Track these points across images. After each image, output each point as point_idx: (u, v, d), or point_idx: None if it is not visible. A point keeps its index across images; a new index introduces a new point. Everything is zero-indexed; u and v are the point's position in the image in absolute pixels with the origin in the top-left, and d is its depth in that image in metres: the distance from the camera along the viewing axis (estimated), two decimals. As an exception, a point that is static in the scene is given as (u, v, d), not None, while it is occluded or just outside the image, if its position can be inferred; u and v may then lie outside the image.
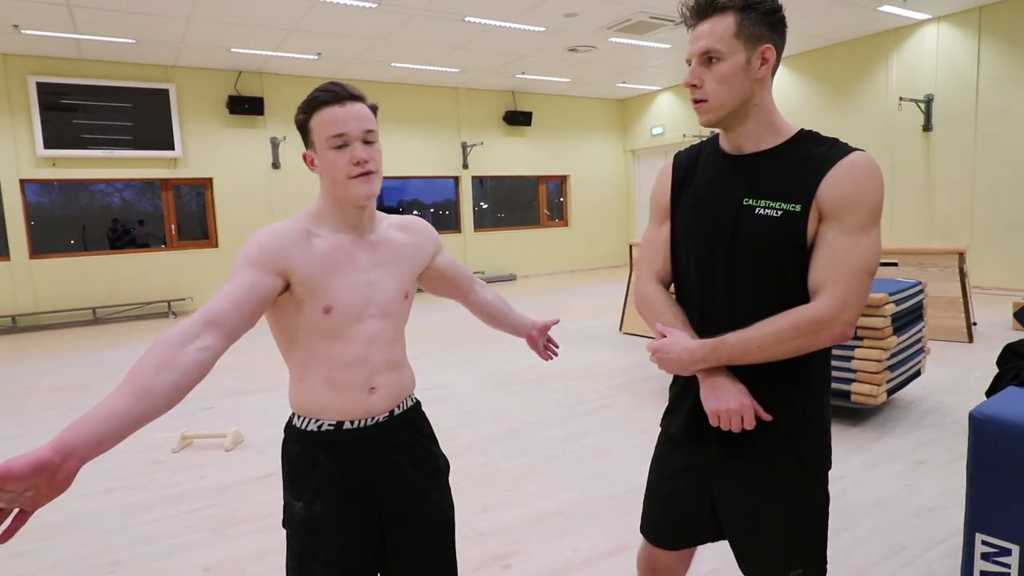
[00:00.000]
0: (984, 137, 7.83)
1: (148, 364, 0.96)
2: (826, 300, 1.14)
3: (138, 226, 9.33)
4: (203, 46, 8.08)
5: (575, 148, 12.73)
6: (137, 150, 8.78)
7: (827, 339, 1.16)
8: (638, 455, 3.31)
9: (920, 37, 8.28)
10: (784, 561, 1.28)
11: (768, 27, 1.18)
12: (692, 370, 1.25)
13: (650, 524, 1.45)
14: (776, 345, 1.16)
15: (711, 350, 1.21)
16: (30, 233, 8.46)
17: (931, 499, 2.73)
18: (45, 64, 8.24)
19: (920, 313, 3.99)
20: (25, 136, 8.20)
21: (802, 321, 1.15)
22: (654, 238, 1.40)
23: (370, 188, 1.23)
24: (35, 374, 5.76)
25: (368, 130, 1.22)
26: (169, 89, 8.89)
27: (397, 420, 1.33)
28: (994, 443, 1.49)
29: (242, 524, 2.74)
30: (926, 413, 3.78)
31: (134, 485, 3.20)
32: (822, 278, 1.16)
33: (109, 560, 2.49)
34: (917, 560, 2.27)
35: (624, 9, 7.30)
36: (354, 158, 1.20)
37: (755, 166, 1.24)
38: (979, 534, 1.52)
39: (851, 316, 1.15)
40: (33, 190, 8.58)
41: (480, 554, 2.41)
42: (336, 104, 1.20)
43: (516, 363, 5.42)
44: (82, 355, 6.56)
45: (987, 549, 1.50)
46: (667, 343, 1.26)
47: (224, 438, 3.69)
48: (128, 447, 3.71)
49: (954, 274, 5.56)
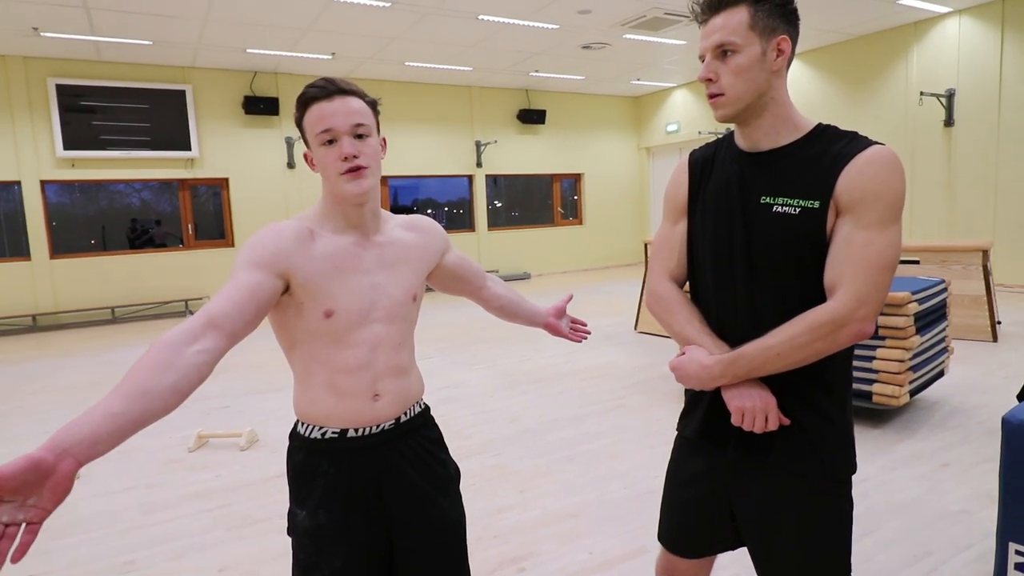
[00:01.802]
0: (1007, 132, 7.66)
1: (146, 365, 0.93)
2: (840, 298, 1.10)
3: (156, 226, 9.43)
4: (219, 47, 8.13)
5: (589, 146, 12.66)
6: (154, 151, 8.86)
7: (846, 339, 1.12)
8: (653, 456, 3.26)
9: (941, 30, 8.12)
10: (805, 569, 1.24)
11: (782, 19, 1.16)
12: (712, 386, 1.22)
13: (668, 532, 1.41)
14: (795, 351, 1.12)
15: (728, 364, 1.17)
16: (50, 233, 8.57)
17: (956, 502, 2.66)
18: (64, 66, 8.34)
19: (943, 312, 3.90)
20: (45, 137, 8.30)
21: (817, 322, 1.11)
22: (669, 236, 1.37)
23: (360, 185, 1.17)
24: (54, 372, 5.83)
25: (357, 124, 1.16)
26: (186, 90, 8.96)
27: (404, 427, 1.29)
28: (1028, 448, 1.43)
29: (257, 524, 2.74)
30: (950, 414, 3.69)
31: (151, 484, 3.21)
32: (837, 275, 1.12)
33: (124, 560, 2.49)
34: (943, 566, 2.21)
35: (638, 5, 7.23)
36: (341, 153, 1.15)
37: (773, 163, 1.20)
38: (1013, 544, 1.46)
39: (868, 312, 1.10)
40: (54, 191, 8.69)
41: (495, 556, 2.39)
42: (324, 99, 1.16)
43: (530, 362, 5.39)
44: (101, 354, 6.63)
45: (1021, 559, 1.44)
46: (684, 361, 1.23)
47: (240, 437, 3.70)
48: (146, 446, 3.73)
49: (978, 272, 5.44)
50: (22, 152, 8.21)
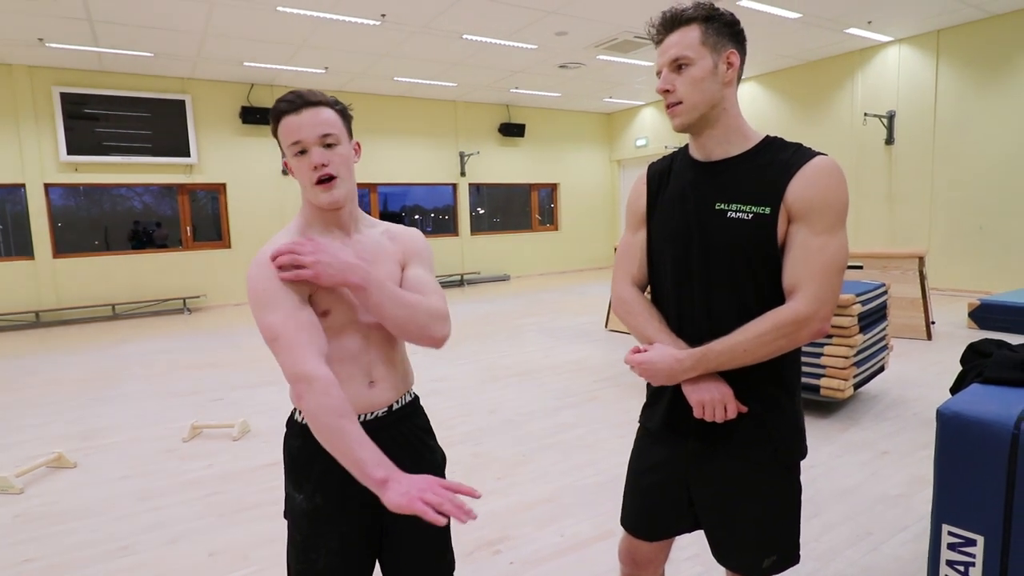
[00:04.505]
0: (942, 150, 7.83)
1: (333, 411, 1.07)
2: (802, 299, 1.12)
3: (156, 228, 9.22)
4: (217, 60, 7.98)
5: (565, 158, 12.69)
6: (155, 157, 8.66)
7: (807, 336, 1.14)
8: (624, 444, 3.26)
9: (883, 57, 8.28)
10: (759, 548, 1.25)
11: (730, 36, 1.19)
12: (681, 379, 1.21)
13: (630, 516, 1.40)
14: (760, 347, 1.14)
15: (699, 359, 1.17)
16: (53, 234, 8.33)
17: (895, 487, 2.69)
18: (68, 75, 8.12)
19: (884, 313, 3.97)
20: (49, 143, 8.07)
21: (781, 322, 1.13)
22: (630, 244, 1.37)
23: (332, 195, 1.16)
24: (57, 366, 5.66)
25: (325, 134, 1.14)
26: (185, 100, 8.77)
27: (396, 415, 1.27)
28: (960, 438, 1.45)
29: (247, 511, 2.68)
30: (890, 406, 3.75)
31: (147, 472, 3.13)
32: (796, 278, 1.14)
33: (119, 545, 2.42)
34: (883, 545, 2.24)
35: (610, 29, 7.26)
36: (311, 163, 1.14)
37: (725, 171, 1.21)
38: (945, 525, 1.48)
39: (827, 312, 1.13)
40: (59, 194, 8.45)
41: (473, 540, 2.36)
42: (293, 113, 1.14)
43: (510, 358, 5.37)
44: (102, 349, 6.45)
45: (953, 539, 1.46)
46: (652, 356, 1.22)
47: (232, 428, 3.62)
48: (143, 436, 3.64)
49: (914, 276, 5.55)
50: (27, 156, 7.97)
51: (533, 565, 2.19)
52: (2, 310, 7.85)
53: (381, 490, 1.03)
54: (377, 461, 1.04)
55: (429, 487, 1.02)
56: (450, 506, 0.99)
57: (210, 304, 9.25)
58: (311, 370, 1.06)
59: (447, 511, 0.98)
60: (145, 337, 7.03)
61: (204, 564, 2.26)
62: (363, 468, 1.04)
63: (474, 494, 1.03)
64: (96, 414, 4.14)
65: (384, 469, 1.04)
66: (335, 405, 1.05)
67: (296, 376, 1.07)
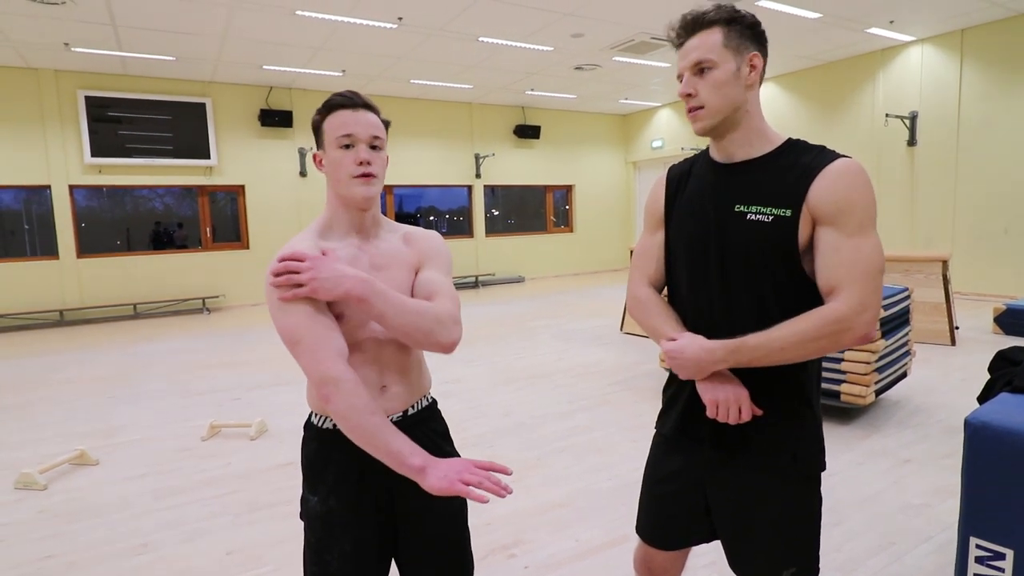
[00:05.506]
0: (965, 151, 7.67)
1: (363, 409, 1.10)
2: (845, 300, 1.07)
3: (177, 228, 9.36)
4: (237, 63, 8.07)
5: (580, 160, 12.64)
6: (176, 159, 8.79)
7: (851, 340, 1.09)
8: (637, 449, 3.23)
9: (905, 57, 8.13)
10: (777, 559, 1.21)
11: (752, 38, 1.16)
12: (709, 371, 1.16)
13: (646, 525, 1.38)
14: (798, 346, 1.09)
15: (732, 351, 1.12)
16: (78, 234, 8.49)
17: (917, 496, 2.63)
18: (93, 79, 8.26)
19: (907, 317, 3.89)
20: (74, 145, 8.22)
21: (824, 321, 1.07)
22: (648, 245, 1.35)
23: (369, 190, 1.19)
24: (79, 364, 5.76)
25: (375, 136, 1.19)
26: (206, 103, 8.89)
27: (412, 419, 1.26)
28: (989, 448, 1.40)
29: (264, 510, 2.69)
30: (912, 413, 3.67)
31: (165, 471, 3.16)
32: (836, 279, 1.09)
33: (137, 542, 2.44)
34: (905, 556, 2.18)
35: (627, 31, 7.22)
36: (358, 158, 1.17)
37: (745, 173, 1.19)
38: (973, 538, 1.43)
39: (871, 317, 1.08)
40: (83, 195, 8.60)
41: (487, 543, 2.35)
42: (349, 108, 1.19)
43: (525, 360, 5.35)
44: (123, 347, 6.55)
45: (981, 553, 1.41)
46: (682, 344, 1.17)
47: (249, 428, 3.65)
48: (161, 435, 3.68)
49: (938, 280, 5.43)
50: (52, 158, 8.13)
51: (549, 570, 2.17)
52: (27, 308, 8.01)
53: (420, 476, 1.07)
54: (412, 450, 1.08)
55: (465, 468, 1.07)
56: (489, 484, 1.04)
57: (229, 304, 9.36)
58: (337, 373, 1.07)
59: (488, 488, 1.03)
60: (165, 336, 7.13)
61: (221, 562, 2.28)
62: (400, 459, 1.07)
63: (506, 471, 1.08)
64: (117, 412, 4.20)
65: (421, 457, 1.08)
66: (364, 404, 1.08)
67: (322, 379, 1.08)
